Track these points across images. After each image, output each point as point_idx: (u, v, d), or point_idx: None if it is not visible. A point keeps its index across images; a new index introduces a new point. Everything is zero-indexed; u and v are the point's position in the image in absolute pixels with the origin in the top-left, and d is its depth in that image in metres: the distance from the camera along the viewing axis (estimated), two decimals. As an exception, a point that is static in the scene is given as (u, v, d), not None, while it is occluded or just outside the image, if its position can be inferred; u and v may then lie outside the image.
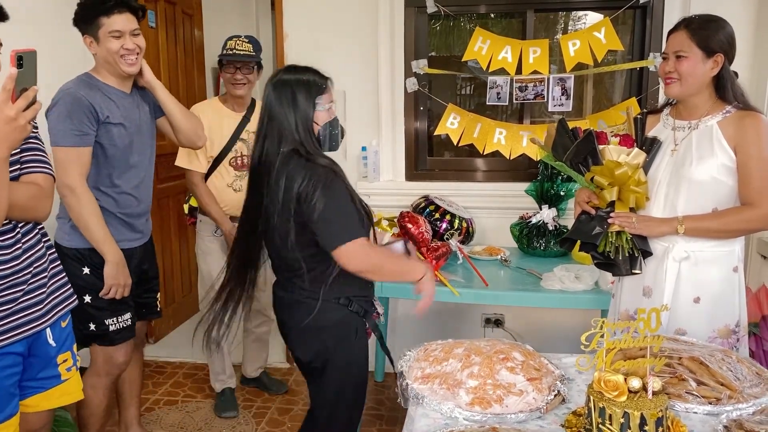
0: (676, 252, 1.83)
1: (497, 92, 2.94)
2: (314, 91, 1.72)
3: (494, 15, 3.34)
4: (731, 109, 1.78)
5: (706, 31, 1.75)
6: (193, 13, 4.04)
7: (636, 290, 1.94)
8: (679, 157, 1.82)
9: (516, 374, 1.46)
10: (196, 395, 3.12)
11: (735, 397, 1.38)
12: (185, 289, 4.03)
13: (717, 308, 1.83)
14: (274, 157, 1.69)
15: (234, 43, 2.70)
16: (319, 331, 1.77)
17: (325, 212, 1.61)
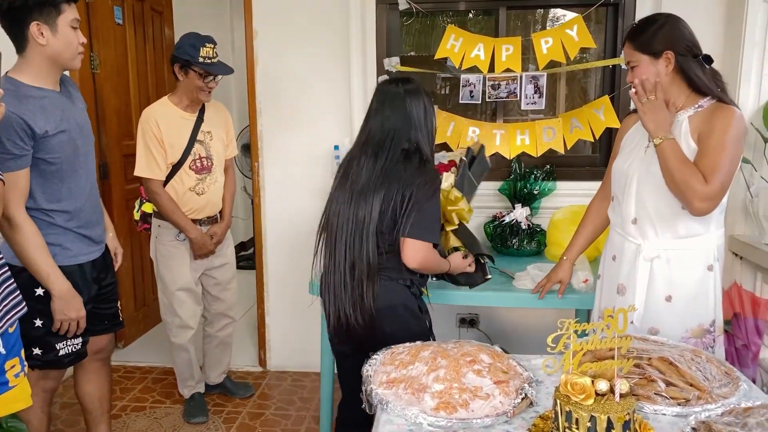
0: (646, 251, 1.81)
1: (470, 90, 2.91)
2: (430, 100, 1.97)
3: (472, 13, 3.32)
4: (705, 102, 1.75)
5: (644, 35, 1.76)
6: (162, 10, 3.96)
7: (612, 288, 1.93)
8: (650, 154, 1.79)
9: (483, 377, 1.42)
10: (165, 401, 3.05)
11: (704, 398, 1.36)
12: (155, 292, 3.93)
13: (690, 307, 1.81)
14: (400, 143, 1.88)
15: (211, 50, 2.56)
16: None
17: (425, 208, 1.81)
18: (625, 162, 1.88)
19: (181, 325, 2.79)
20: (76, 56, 1.91)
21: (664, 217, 1.78)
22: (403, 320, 1.90)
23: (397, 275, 1.89)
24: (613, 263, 1.93)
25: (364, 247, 1.84)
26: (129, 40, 3.58)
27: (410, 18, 3.09)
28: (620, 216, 1.89)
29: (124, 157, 3.56)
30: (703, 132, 1.70)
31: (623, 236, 1.88)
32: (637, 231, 1.83)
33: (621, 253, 1.89)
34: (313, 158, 3.15)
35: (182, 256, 2.74)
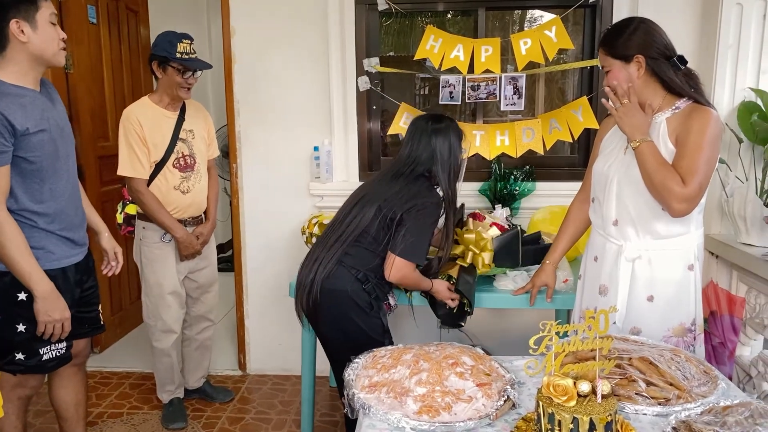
0: (628, 252, 1.82)
1: (450, 91, 2.91)
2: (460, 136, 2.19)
3: (451, 14, 3.32)
4: (682, 104, 1.76)
5: (614, 41, 1.78)
6: (138, 9, 3.89)
7: (594, 289, 1.93)
8: (629, 156, 1.80)
9: (465, 380, 1.42)
10: (143, 406, 2.99)
11: (683, 397, 1.37)
12: (133, 296, 3.88)
13: (671, 307, 1.82)
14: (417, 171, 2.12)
15: (188, 46, 2.55)
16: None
17: (416, 231, 2.03)
18: (605, 164, 1.89)
19: (165, 329, 2.75)
20: (58, 51, 1.88)
21: (644, 218, 1.79)
22: (343, 308, 2.07)
23: (355, 266, 2.08)
24: (594, 264, 1.94)
25: (347, 233, 2.09)
26: (103, 39, 3.51)
27: (389, 18, 3.08)
28: (601, 217, 1.90)
29: (99, 158, 3.49)
30: (681, 134, 1.72)
31: (604, 237, 1.89)
32: (618, 232, 1.84)
33: (603, 254, 1.90)
34: (293, 159, 3.12)
35: (168, 258, 2.70)
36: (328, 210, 3.02)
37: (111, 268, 2.27)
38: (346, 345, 2.03)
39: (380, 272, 2.10)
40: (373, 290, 2.10)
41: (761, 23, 2.55)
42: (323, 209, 3.05)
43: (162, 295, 2.71)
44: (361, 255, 2.08)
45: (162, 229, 2.65)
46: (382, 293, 2.17)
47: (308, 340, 2.51)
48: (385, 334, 2.15)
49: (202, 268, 2.84)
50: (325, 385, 3.17)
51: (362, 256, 2.08)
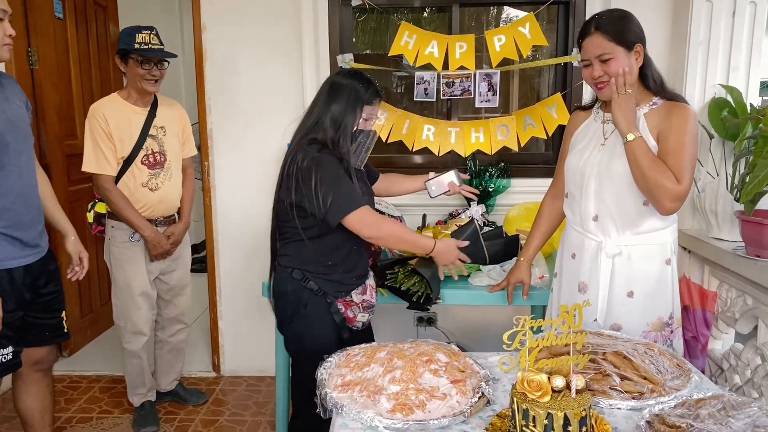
0: (609, 248, 1.81)
1: (425, 88, 2.89)
2: (362, 100, 1.86)
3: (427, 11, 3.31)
4: (658, 101, 1.77)
5: (619, 26, 1.72)
6: (106, 4, 3.81)
7: (572, 286, 1.92)
8: (607, 151, 1.80)
9: (439, 377, 1.40)
10: (114, 410, 2.93)
11: (657, 391, 1.37)
12: (104, 298, 3.79)
13: (650, 302, 1.83)
14: (297, 139, 1.88)
15: (147, 36, 2.50)
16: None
17: (324, 187, 1.77)
18: (579, 159, 1.87)
19: (135, 330, 2.69)
20: (1, 48, 1.82)
21: (626, 214, 1.78)
22: (291, 309, 1.94)
23: (290, 264, 1.93)
24: (572, 261, 1.93)
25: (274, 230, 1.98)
26: (70, 35, 3.42)
27: (363, 14, 3.06)
28: (579, 214, 1.89)
29: (67, 157, 3.40)
30: (663, 131, 1.71)
31: (582, 234, 1.88)
32: (598, 228, 1.83)
33: (581, 251, 1.88)
34: (266, 156, 3.07)
35: (137, 258, 2.64)
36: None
37: (75, 273, 2.20)
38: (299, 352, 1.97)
39: (323, 261, 1.90)
40: (317, 286, 1.91)
41: (730, 20, 2.58)
42: (297, 207, 3.00)
43: (131, 296, 2.64)
44: (291, 250, 1.92)
45: (131, 229, 2.59)
46: (335, 286, 1.94)
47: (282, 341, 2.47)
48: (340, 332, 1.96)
49: (174, 269, 2.78)
50: (301, 386, 3.13)
51: (293, 250, 1.92)
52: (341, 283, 1.95)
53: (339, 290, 1.95)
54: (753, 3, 2.56)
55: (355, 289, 1.99)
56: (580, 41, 1.80)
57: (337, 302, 1.94)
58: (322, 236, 1.88)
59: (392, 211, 2.82)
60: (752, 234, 2.18)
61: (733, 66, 2.61)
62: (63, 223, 2.17)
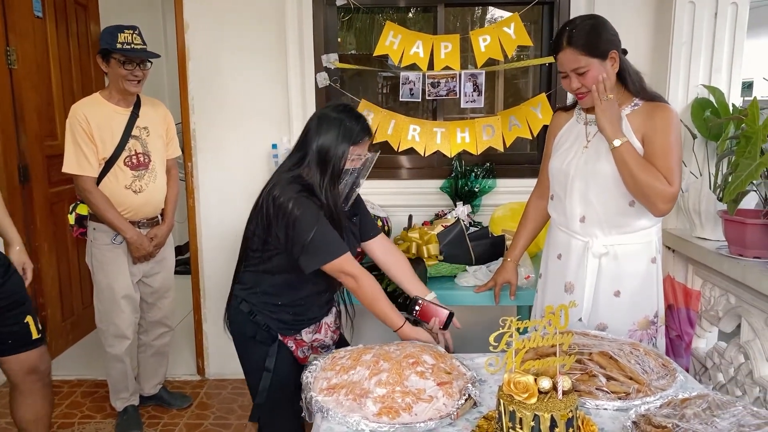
0: (595, 248, 1.82)
1: (410, 88, 2.89)
2: (350, 138, 1.72)
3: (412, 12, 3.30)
4: (639, 102, 1.77)
5: (590, 38, 1.70)
6: (87, 3, 3.75)
7: (558, 286, 1.92)
8: (591, 152, 1.80)
9: (426, 379, 1.39)
10: (96, 415, 2.88)
11: (643, 391, 1.37)
12: (85, 301, 3.73)
13: (637, 300, 1.84)
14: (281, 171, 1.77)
15: (130, 36, 2.46)
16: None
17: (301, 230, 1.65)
18: (563, 161, 1.87)
19: (117, 334, 2.65)
20: None
21: (612, 215, 1.79)
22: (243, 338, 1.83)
23: (240, 294, 1.83)
24: (558, 262, 1.93)
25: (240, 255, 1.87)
26: (50, 34, 3.37)
27: (348, 14, 3.04)
28: (564, 214, 1.89)
29: (47, 158, 3.35)
30: (648, 132, 1.72)
31: (569, 234, 1.88)
32: (585, 229, 1.83)
33: (567, 251, 1.88)
34: (251, 157, 3.05)
35: (119, 261, 2.60)
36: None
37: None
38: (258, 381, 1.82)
39: (273, 300, 1.78)
40: (263, 321, 1.78)
41: (712, 21, 2.60)
42: (282, 208, 2.98)
43: (114, 299, 2.60)
44: (248, 278, 1.81)
45: (113, 231, 2.55)
46: (282, 325, 1.79)
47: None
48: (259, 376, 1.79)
49: (158, 272, 2.74)
50: (287, 388, 3.11)
51: (250, 279, 1.80)
52: (287, 323, 1.80)
53: (286, 328, 1.80)
54: (734, 4, 2.58)
55: (306, 328, 1.83)
56: (554, 55, 1.78)
57: (288, 339, 1.80)
58: (282, 273, 1.75)
59: (378, 212, 2.81)
60: (735, 233, 2.20)
61: (715, 67, 2.63)
62: (8, 231, 2.10)
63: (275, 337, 1.79)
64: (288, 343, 1.80)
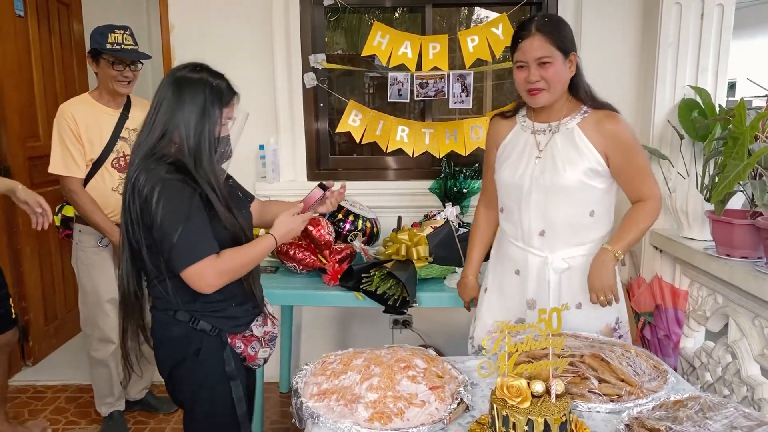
0: (556, 264, 1.76)
1: (398, 89, 2.87)
2: (220, 100, 1.53)
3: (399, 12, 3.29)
4: (587, 109, 1.74)
5: (560, 32, 1.67)
6: (70, 2, 3.69)
7: (519, 303, 1.85)
8: (547, 163, 1.73)
9: (418, 383, 1.37)
10: (80, 421, 2.83)
11: (635, 393, 1.37)
12: (69, 304, 3.68)
13: (597, 310, 1.78)
14: (140, 157, 1.51)
15: (120, 36, 2.42)
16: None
17: (168, 222, 1.43)
18: (514, 174, 1.78)
19: (103, 338, 2.60)
20: None
21: (574, 227, 1.75)
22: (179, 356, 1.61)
23: (168, 306, 1.58)
24: (516, 277, 1.85)
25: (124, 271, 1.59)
26: (32, 33, 3.31)
27: (336, 14, 3.02)
28: (521, 229, 1.80)
29: (30, 159, 3.29)
30: (612, 153, 1.69)
31: (525, 250, 1.80)
32: (544, 244, 1.77)
33: (525, 267, 1.81)
34: (237, 158, 2.94)
35: (105, 264, 2.56)
36: (275, 211, 2.93)
37: (38, 220, 2.10)
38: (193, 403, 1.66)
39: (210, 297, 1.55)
40: (210, 325, 1.59)
41: (699, 22, 2.61)
42: (270, 210, 2.95)
43: (99, 302, 2.56)
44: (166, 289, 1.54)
45: (99, 233, 2.50)
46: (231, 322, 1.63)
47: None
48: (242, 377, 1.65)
49: None
50: (275, 392, 3.08)
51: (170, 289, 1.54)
52: (236, 317, 1.64)
53: (237, 325, 1.64)
54: (720, 5, 2.59)
55: (255, 321, 1.69)
56: (518, 41, 1.70)
57: (236, 339, 1.64)
58: None
59: (366, 213, 2.80)
60: (722, 234, 2.21)
61: (702, 67, 2.64)
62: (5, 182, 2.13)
63: (225, 341, 1.61)
64: (236, 344, 1.64)
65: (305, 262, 2.43)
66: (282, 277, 2.50)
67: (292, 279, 2.47)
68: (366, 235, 2.72)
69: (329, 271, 2.39)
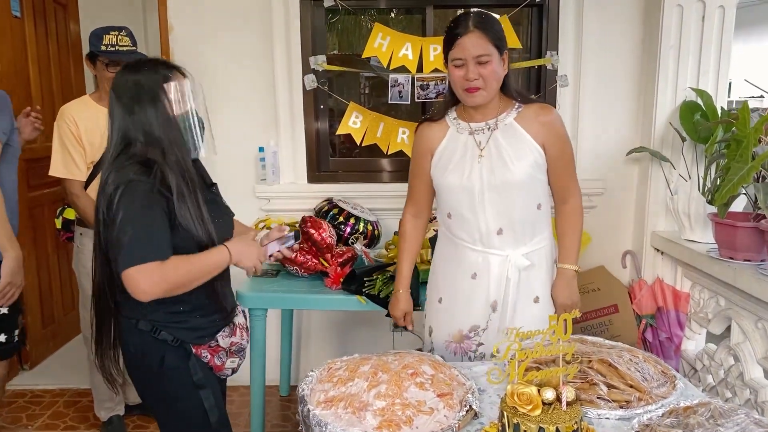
0: (519, 261, 1.75)
1: (399, 90, 2.86)
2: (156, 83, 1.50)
3: (395, 12, 3.27)
4: (520, 105, 1.75)
5: (496, 30, 1.67)
6: (66, 3, 3.67)
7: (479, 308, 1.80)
8: (491, 162, 1.71)
9: (426, 390, 1.36)
10: (79, 425, 2.81)
11: (644, 399, 1.36)
12: (66, 307, 3.65)
13: (550, 304, 1.84)
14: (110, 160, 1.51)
15: (115, 37, 2.40)
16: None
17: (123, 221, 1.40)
18: (460, 177, 1.74)
19: None
20: None
21: (526, 222, 1.75)
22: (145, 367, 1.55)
23: (132, 314, 1.53)
24: (473, 281, 1.79)
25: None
26: (29, 34, 3.28)
27: (336, 15, 3.00)
28: (478, 231, 1.76)
29: (26, 161, 3.25)
30: (549, 143, 1.73)
31: (484, 252, 1.77)
32: (503, 242, 1.75)
33: (486, 269, 1.77)
34: (237, 160, 2.99)
35: None
36: (275, 213, 2.92)
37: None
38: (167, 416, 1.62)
39: (171, 308, 1.52)
40: (171, 336, 1.53)
41: (700, 25, 2.62)
42: (270, 212, 2.94)
43: None
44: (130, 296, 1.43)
45: None
46: (194, 333, 1.57)
47: (257, 348, 2.41)
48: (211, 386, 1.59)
49: None
50: (276, 395, 3.06)
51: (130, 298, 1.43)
52: (201, 328, 1.58)
53: (200, 336, 1.58)
54: (721, 8, 2.60)
55: (222, 332, 1.63)
56: (455, 38, 1.67)
57: (202, 349, 1.58)
58: None
59: (367, 216, 2.78)
60: (725, 236, 2.21)
61: (703, 70, 2.64)
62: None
63: (189, 351, 1.55)
64: (202, 354, 1.58)
65: (307, 265, 2.42)
66: (283, 280, 2.49)
67: (293, 282, 2.46)
68: (367, 238, 2.70)
69: (331, 274, 2.38)
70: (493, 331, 1.80)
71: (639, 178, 2.87)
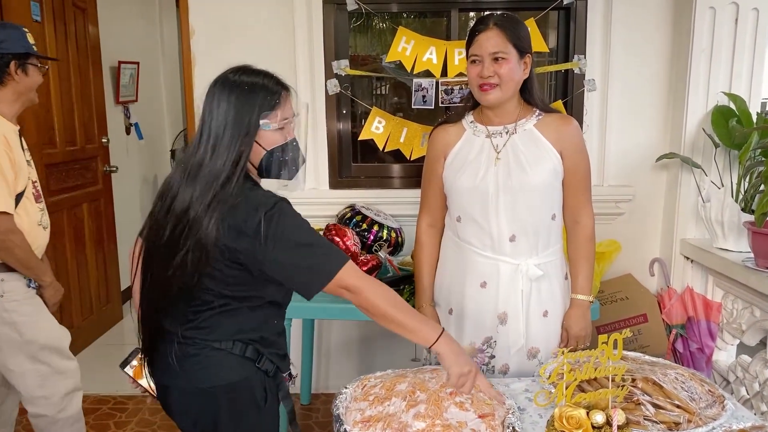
0: (531, 271, 1.69)
1: (423, 95, 2.81)
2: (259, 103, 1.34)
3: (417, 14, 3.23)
4: (540, 113, 1.73)
5: (517, 30, 1.65)
6: (85, 6, 3.65)
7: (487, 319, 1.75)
8: (509, 165, 1.68)
9: (466, 411, 1.32)
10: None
11: (694, 421, 1.31)
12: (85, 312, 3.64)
13: (560, 319, 1.79)
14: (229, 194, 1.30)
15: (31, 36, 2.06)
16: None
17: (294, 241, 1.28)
18: (474, 179, 1.70)
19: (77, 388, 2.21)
20: None
21: (540, 230, 1.70)
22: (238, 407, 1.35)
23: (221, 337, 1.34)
24: (482, 291, 1.73)
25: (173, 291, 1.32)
26: (49, 38, 3.27)
27: (359, 19, 2.96)
28: (489, 237, 1.70)
29: (47, 167, 3.25)
30: (567, 152, 1.70)
31: (494, 259, 1.71)
32: (515, 249, 1.69)
33: (495, 278, 1.72)
34: (258, 166, 2.96)
35: (42, 306, 2.11)
36: (297, 219, 2.88)
37: None
38: None
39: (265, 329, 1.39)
40: (273, 365, 1.39)
41: (733, 27, 2.55)
42: (291, 218, 2.90)
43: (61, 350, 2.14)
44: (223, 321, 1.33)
45: (23, 276, 2.04)
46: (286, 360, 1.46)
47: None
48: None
49: None
50: (296, 404, 3.03)
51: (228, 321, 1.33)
52: (287, 355, 1.48)
53: (283, 362, 1.45)
54: (755, 10, 2.53)
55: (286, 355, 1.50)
56: (474, 35, 1.67)
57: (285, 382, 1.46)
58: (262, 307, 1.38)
59: (391, 223, 2.74)
60: (763, 246, 2.15)
61: (736, 73, 2.58)
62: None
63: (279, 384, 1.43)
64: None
65: (331, 273, 2.38)
66: (307, 288, 2.45)
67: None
68: (391, 246, 2.66)
69: (356, 283, 2.33)
70: (503, 345, 1.74)
71: (668, 184, 2.80)
